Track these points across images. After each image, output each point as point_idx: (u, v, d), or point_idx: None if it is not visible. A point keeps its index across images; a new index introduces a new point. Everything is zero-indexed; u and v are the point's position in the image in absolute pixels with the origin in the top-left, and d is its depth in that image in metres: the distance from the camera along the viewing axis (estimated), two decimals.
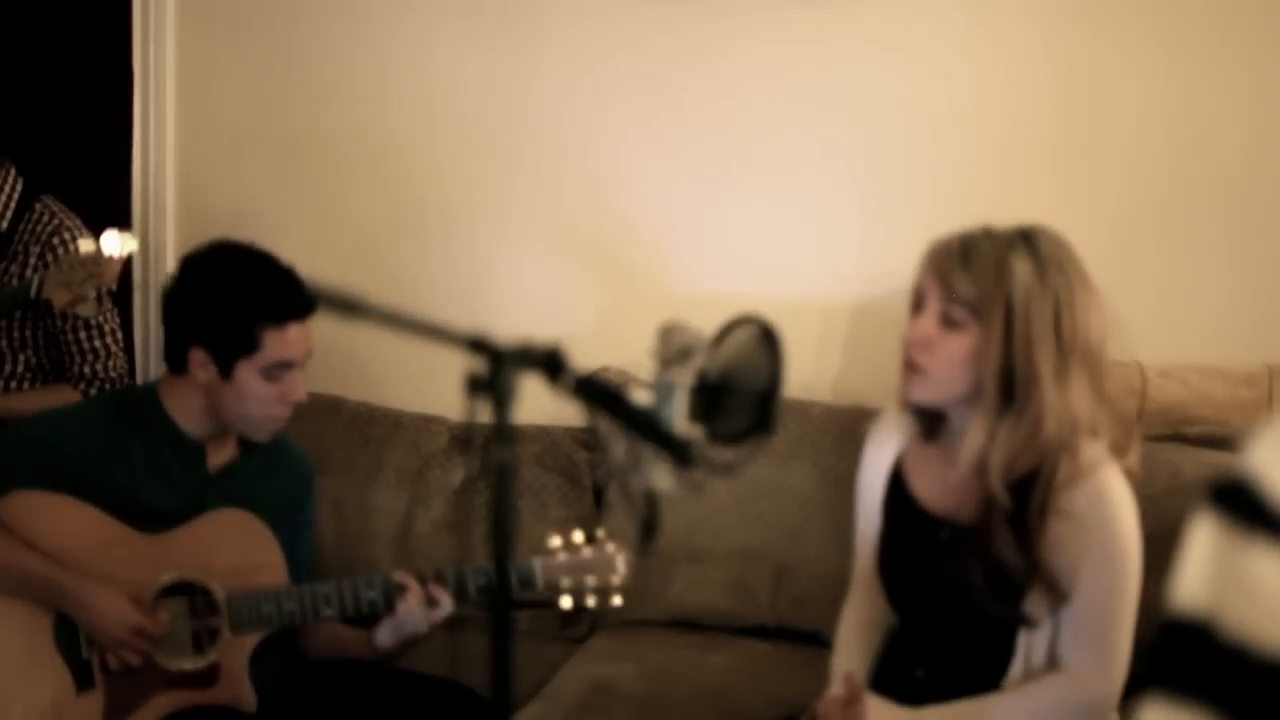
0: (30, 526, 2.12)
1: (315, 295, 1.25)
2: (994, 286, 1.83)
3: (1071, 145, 2.72)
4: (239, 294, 2.16)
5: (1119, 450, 1.89)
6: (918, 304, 1.92)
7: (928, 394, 1.91)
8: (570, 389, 1.51)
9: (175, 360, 2.22)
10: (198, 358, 2.17)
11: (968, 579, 1.87)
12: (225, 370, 2.16)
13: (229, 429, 2.23)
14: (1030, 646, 1.88)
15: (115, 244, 2.41)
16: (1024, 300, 1.82)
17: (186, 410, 2.22)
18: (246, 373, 2.15)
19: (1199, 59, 2.65)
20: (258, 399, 2.17)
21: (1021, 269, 1.83)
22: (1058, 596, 1.84)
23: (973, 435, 1.87)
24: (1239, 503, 0.76)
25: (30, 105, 3.42)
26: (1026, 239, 1.87)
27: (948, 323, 1.87)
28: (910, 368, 1.91)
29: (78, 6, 3.53)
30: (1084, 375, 1.85)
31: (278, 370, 2.16)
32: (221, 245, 2.23)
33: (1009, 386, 1.84)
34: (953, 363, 1.86)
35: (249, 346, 2.15)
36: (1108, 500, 1.84)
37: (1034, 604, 1.86)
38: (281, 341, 2.15)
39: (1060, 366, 1.83)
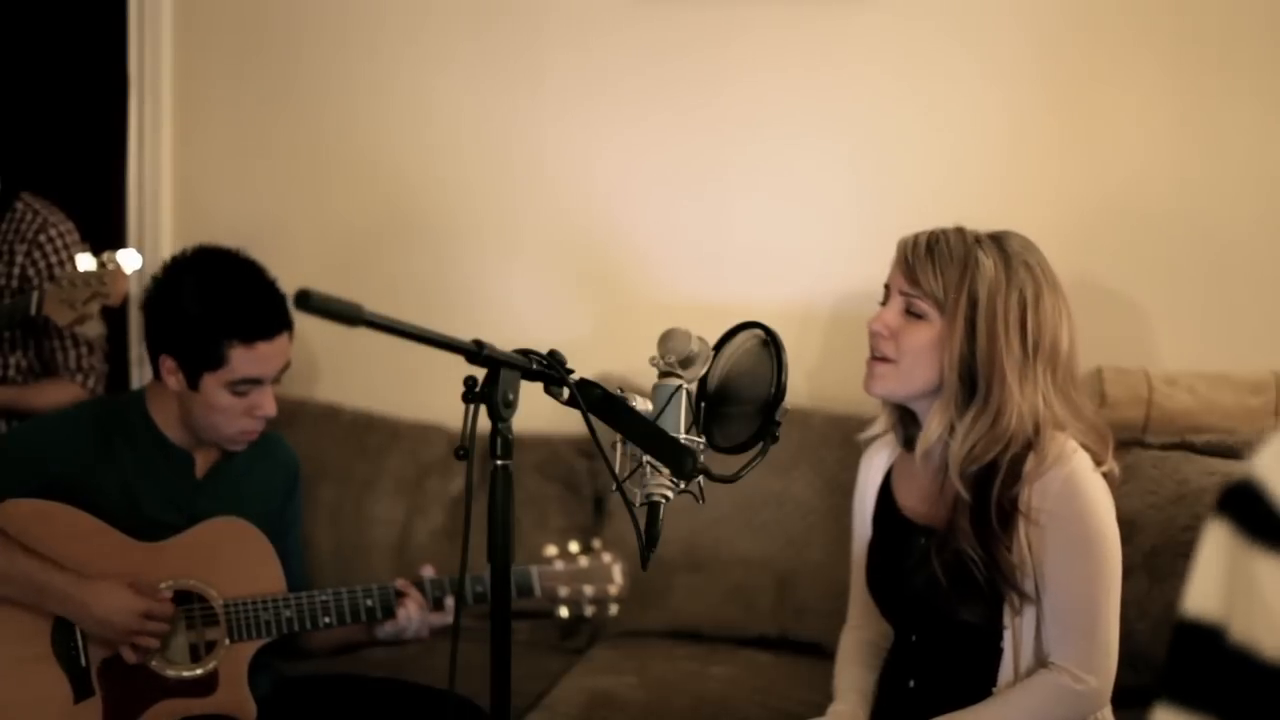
0: (26, 534, 2.10)
1: (313, 305, 1.23)
2: (958, 280, 1.85)
3: (1073, 155, 2.71)
4: (209, 308, 2.12)
5: (1096, 460, 1.88)
6: (885, 298, 1.95)
7: (891, 386, 1.92)
8: (569, 397, 1.50)
9: (153, 366, 2.21)
10: (168, 365, 2.16)
11: (937, 582, 1.87)
12: (192, 382, 2.14)
13: (203, 438, 2.22)
14: (1018, 650, 1.87)
15: (124, 261, 2.40)
16: (988, 295, 1.84)
17: (168, 417, 2.21)
18: (212, 386, 2.13)
19: (1202, 66, 2.64)
20: (225, 412, 2.15)
21: (987, 265, 1.85)
22: (1022, 597, 1.84)
23: (931, 426, 1.88)
24: (1246, 510, 0.75)
25: (24, 113, 3.42)
26: (995, 238, 1.90)
27: (911, 314, 1.89)
28: (875, 359, 1.92)
29: (73, 13, 3.52)
30: (1050, 377, 1.86)
31: (244, 386, 2.14)
32: (206, 252, 2.21)
33: (970, 379, 1.86)
34: (916, 353, 1.88)
35: (215, 361, 2.12)
36: (1080, 491, 1.83)
37: (1004, 607, 1.86)
38: (248, 359, 2.12)
39: (1024, 364, 1.84)
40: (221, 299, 2.13)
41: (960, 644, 1.92)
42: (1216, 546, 0.76)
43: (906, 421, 2.00)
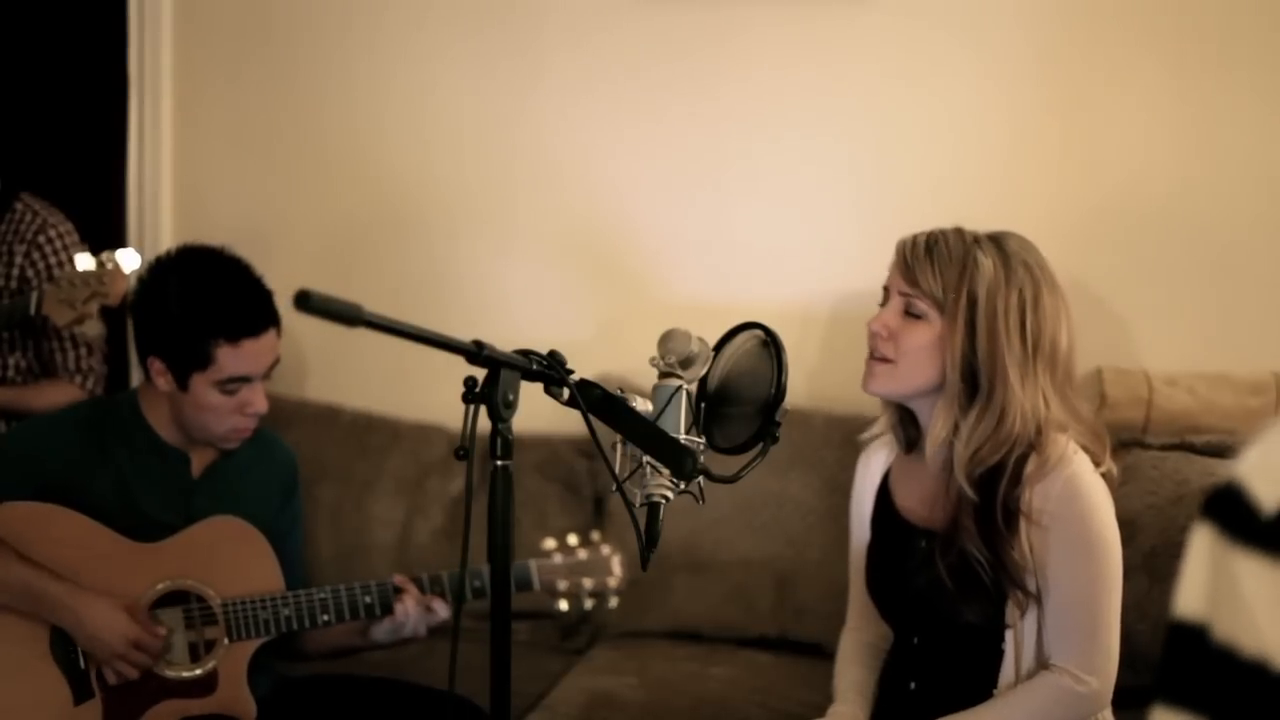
0: (22, 537, 2.10)
1: (313, 306, 1.22)
2: (957, 280, 1.85)
3: (1073, 155, 2.71)
4: (193, 308, 2.12)
5: (1095, 461, 1.88)
6: (885, 300, 1.94)
7: (889, 385, 1.92)
8: (569, 397, 1.50)
9: (142, 367, 2.21)
10: (156, 367, 2.16)
11: (941, 584, 1.87)
12: (181, 382, 2.14)
13: (195, 437, 2.22)
14: (1019, 651, 1.87)
15: (123, 260, 2.39)
16: (988, 295, 1.84)
17: (161, 417, 2.21)
18: (201, 385, 2.13)
19: (1202, 66, 2.64)
20: (215, 411, 2.15)
21: (986, 265, 1.85)
22: (1028, 596, 1.84)
23: (937, 427, 1.88)
24: (1228, 511, 0.77)
25: (24, 113, 3.42)
26: (994, 239, 1.90)
27: (910, 315, 1.89)
28: (874, 358, 1.92)
29: (73, 13, 3.52)
30: (1050, 378, 1.86)
31: (233, 384, 2.13)
32: (189, 252, 2.20)
33: (973, 379, 1.85)
34: (915, 353, 1.88)
35: (202, 361, 2.11)
36: (1081, 493, 1.83)
37: (1007, 607, 1.86)
38: (235, 357, 2.12)
39: (1025, 363, 1.84)
40: (206, 298, 2.12)
41: (962, 646, 1.92)
42: (1201, 549, 0.78)
43: (906, 423, 2.00)
